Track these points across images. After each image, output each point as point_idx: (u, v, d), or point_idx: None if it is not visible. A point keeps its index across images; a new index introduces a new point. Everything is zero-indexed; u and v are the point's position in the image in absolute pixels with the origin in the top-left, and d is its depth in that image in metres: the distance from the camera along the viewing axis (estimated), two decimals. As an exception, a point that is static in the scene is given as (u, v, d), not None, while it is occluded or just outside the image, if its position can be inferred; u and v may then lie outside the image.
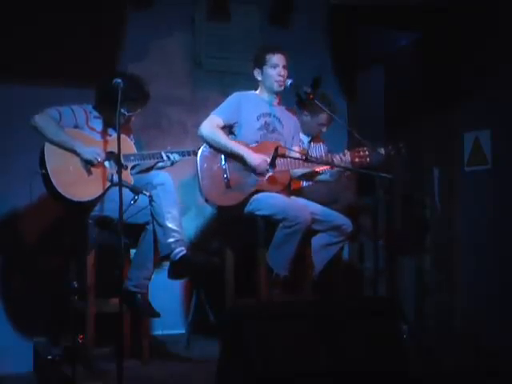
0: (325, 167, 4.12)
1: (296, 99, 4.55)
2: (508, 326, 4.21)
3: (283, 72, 4.04)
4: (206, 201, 3.99)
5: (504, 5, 4.46)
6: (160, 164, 3.94)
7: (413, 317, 4.86)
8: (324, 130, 4.57)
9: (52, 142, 3.64)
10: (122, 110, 3.70)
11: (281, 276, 3.88)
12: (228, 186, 3.96)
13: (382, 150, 4.03)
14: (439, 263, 4.87)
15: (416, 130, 5.08)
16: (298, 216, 3.81)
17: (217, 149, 3.99)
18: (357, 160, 4.04)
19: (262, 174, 3.99)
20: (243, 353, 2.55)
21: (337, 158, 4.04)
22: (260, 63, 4.08)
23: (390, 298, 4.46)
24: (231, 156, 3.98)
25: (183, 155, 3.97)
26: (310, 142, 4.64)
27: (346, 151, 4.09)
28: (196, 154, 4.00)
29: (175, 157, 3.92)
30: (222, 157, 3.99)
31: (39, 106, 3.77)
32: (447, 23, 4.78)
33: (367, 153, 4.03)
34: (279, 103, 4.20)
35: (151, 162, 3.93)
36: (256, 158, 3.95)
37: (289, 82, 4.05)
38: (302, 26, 5.16)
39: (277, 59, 4.05)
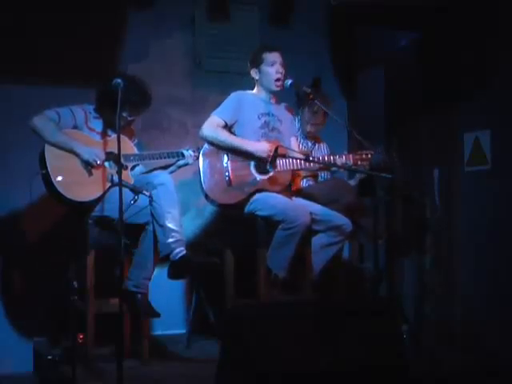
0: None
1: (296, 99, 4.56)
2: (508, 326, 4.21)
3: (281, 69, 4.04)
4: (207, 197, 3.99)
5: (504, 5, 4.46)
6: (181, 162, 3.97)
7: (413, 317, 4.86)
8: (312, 129, 4.58)
9: (51, 144, 3.64)
10: (124, 114, 3.72)
11: (280, 277, 3.88)
12: (229, 184, 3.97)
13: (382, 157, 4.04)
14: (439, 263, 4.87)
15: (416, 130, 5.08)
16: (298, 217, 3.81)
17: (220, 147, 3.99)
18: (359, 163, 4.05)
19: (266, 161, 3.97)
20: (243, 353, 2.55)
21: (337, 160, 4.05)
22: (257, 62, 4.08)
23: (390, 297, 4.46)
24: (235, 152, 3.99)
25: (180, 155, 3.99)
26: (314, 143, 4.66)
27: (348, 154, 4.11)
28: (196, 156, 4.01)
29: (189, 152, 3.95)
30: (225, 155, 4.00)
31: (39, 106, 3.77)
32: (447, 23, 4.78)
33: (369, 156, 4.04)
34: (276, 102, 4.21)
35: (169, 161, 3.96)
36: (259, 145, 3.96)
37: (289, 82, 4.05)
38: (302, 25, 5.16)
39: (273, 57, 4.05)
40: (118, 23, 4.64)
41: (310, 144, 4.64)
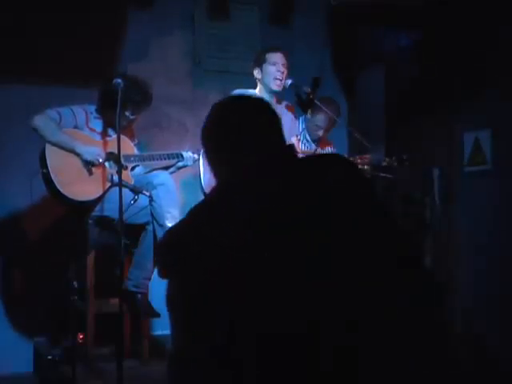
0: None
1: (296, 99, 4.56)
2: (508, 326, 4.21)
3: (282, 69, 4.05)
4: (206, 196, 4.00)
5: (504, 4, 4.46)
6: (180, 164, 3.96)
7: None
8: (320, 133, 4.58)
9: (51, 143, 3.64)
10: (127, 113, 3.72)
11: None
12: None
13: (385, 162, 4.05)
14: (439, 263, 4.87)
15: (416, 130, 5.08)
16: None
17: None
18: (359, 164, 4.06)
19: None
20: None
21: None
22: (259, 62, 4.10)
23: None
24: None
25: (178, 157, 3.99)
26: (317, 145, 4.65)
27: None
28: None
29: (189, 154, 3.94)
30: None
31: (39, 105, 3.77)
32: (447, 23, 4.78)
33: (367, 160, 4.04)
34: (277, 102, 4.21)
35: (170, 162, 3.95)
36: None
37: (289, 81, 4.06)
38: (302, 25, 5.16)
39: (276, 57, 4.06)
40: (118, 23, 4.64)
41: (313, 147, 4.63)
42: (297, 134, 4.40)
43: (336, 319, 1.39)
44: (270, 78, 4.07)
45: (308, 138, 4.61)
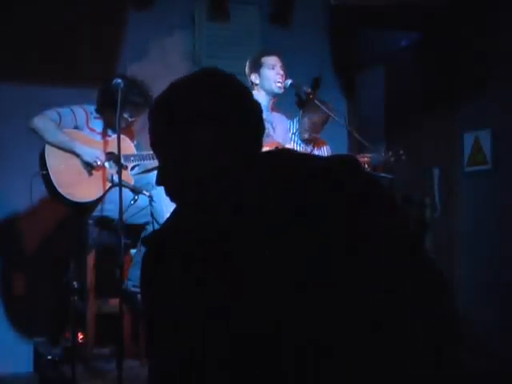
0: None
1: (296, 99, 4.55)
2: (508, 326, 4.21)
3: (281, 72, 4.03)
4: None
5: (504, 5, 4.47)
6: None
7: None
8: (310, 137, 4.57)
9: (51, 144, 3.64)
10: (126, 115, 3.72)
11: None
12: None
13: (382, 157, 4.04)
14: (439, 263, 4.87)
15: (416, 130, 5.09)
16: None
17: None
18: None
19: None
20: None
21: None
22: (256, 67, 4.04)
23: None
24: None
25: None
26: (313, 146, 4.63)
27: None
28: None
29: None
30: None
31: (39, 106, 3.77)
32: (447, 23, 4.79)
33: (367, 159, 4.03)
34: (273, 108, 4.18)
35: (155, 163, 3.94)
36: None
37: (289, 82, 4.04)
38: (302, 25, 5.16)
39: (273, 60, 4.03)
40: (118, 23, 4.64)
41: (309, 149, 4.63)
42: (289, 143, 4.39)
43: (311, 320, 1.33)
44: (270, 82, 4.03)
45: (302, 141, 4.59)
